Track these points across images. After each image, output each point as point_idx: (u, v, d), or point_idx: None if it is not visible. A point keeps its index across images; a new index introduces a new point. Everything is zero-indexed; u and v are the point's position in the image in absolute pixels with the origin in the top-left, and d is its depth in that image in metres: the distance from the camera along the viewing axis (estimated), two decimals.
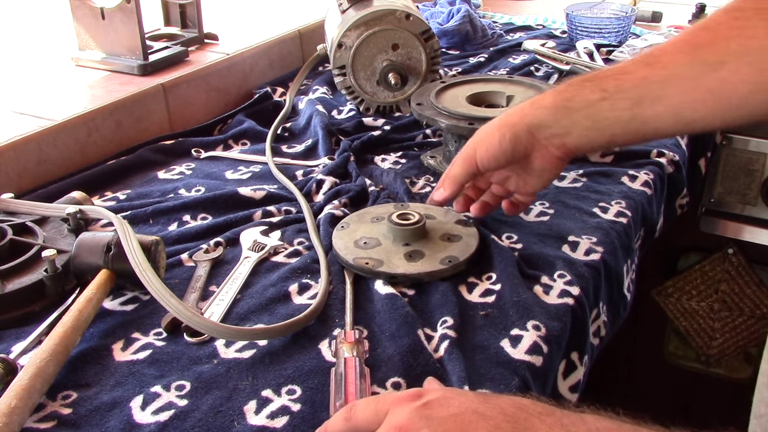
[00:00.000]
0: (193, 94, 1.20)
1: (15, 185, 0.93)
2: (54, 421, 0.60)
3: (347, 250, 0.80)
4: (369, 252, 0.79)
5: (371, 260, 0.78)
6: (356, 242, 0.81)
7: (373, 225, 0.84)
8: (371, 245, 0.80)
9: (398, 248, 0.80)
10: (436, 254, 0.78)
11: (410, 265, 0.77)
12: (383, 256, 0.78)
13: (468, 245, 0.80)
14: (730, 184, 1.35)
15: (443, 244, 0.80)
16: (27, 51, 1.36)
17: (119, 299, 0.75)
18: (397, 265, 0.77)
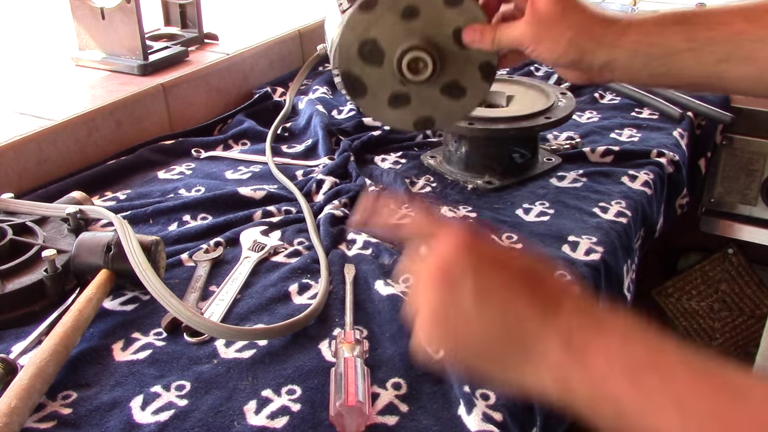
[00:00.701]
0: (193, 94, 1.20)
1: (15, 185, 0.93)
2: (54, 421, 0.60)
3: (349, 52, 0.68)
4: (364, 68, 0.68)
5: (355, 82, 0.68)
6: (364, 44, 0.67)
7: None
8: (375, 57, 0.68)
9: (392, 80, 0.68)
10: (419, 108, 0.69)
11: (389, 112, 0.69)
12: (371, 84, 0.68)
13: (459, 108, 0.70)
14: (730, 184, 1.35)
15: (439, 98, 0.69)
16: (27, 51, 1.36)
17: (119, 299, 0.75)
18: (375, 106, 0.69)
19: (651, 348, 0.40)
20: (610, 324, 0.42)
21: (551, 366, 0.42)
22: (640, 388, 0.39)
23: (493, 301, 0.44)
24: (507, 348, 0.43)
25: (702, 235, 1.38)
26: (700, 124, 1.23)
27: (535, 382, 0.43)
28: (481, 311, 0.44)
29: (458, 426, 0.59)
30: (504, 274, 0.45)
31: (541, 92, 1.03)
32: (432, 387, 0.63)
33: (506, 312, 0.43)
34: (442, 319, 0.45)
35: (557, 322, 0.42)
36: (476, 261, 0.45)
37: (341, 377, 0.61)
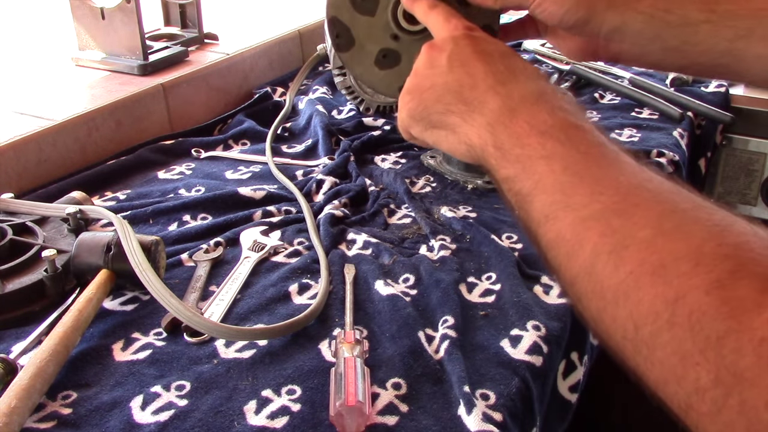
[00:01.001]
0: (193, 94, 1.20)
1: (15, 185, 0.93)
2: (54, 421, 0.60)
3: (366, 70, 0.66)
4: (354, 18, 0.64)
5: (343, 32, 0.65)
6: None
7: None
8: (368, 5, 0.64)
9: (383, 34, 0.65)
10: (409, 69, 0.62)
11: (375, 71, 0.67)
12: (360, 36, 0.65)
13: None
14: (730, 184, 1.35)
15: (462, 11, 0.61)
16: (27, 51, 1.36)
17: (119, 299, 0.75)
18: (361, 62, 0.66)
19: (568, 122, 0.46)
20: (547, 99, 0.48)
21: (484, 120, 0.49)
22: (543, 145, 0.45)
23: (459, 66, 0.52)
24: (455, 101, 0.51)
25: None
26: (700, 124, 1.23)
27: (467, 134, 0.51)
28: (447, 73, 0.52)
29: (458, 426, 0.59)
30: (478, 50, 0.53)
31: None
32: (432, 387, 0.63)
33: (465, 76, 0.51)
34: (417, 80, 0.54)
35: (504, 89, 0.49)
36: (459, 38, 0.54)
37: (341, 377, 0.61)
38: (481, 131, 0.49)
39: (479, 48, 0.53)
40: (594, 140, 0.45)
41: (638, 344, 0.36)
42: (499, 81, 0.50)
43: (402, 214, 0.92)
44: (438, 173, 1.02)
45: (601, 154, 0.44)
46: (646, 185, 0.41)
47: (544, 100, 0.48)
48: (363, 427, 0.58)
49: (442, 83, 0.53)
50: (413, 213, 0.91)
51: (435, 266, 0.79)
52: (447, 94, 0.52)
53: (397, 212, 0.93)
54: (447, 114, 0.52)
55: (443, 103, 0.53)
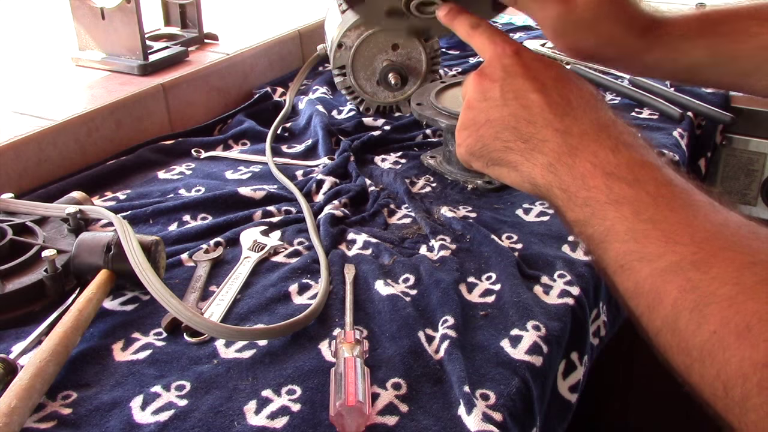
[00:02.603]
0: (193, 94, 1.20)
1: (15, 185, 0.93)
2: (54, 421, 0.60)
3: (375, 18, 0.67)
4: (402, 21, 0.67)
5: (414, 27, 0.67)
6: None
7: None
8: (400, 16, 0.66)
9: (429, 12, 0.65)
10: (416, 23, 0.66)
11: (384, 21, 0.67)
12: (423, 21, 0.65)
13: None
14: (730, 184, 1.35)
15: None
16: (27, 51, 1.36)
17: (119, 299, 0.75)
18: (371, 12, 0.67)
19: (633, 161, 0.45)
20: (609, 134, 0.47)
21: (545, 160, 0.48)
22: (612, 189, 0.44)
23: (513, 99, 0.50)
24: (514, 138, 0.50)
25: None
26: (700, 124, 1.23)
27: (527, 172, 0.49)
28: (502, 107, 0.51)
29: (458, 426, 0.59)
30: (531, 79, 0.51)
31: None
32: (432, 387, 0.63)
33: (522, 109, 0.50)
34: (472, 114, 0.53)
35: (563, 124, 0.48)
36: (509, 65, 0.52)
37: (341, 377, 0.61)
38: (544, 172, 0.48)
39: (531, 75, 0.51)
40: (662, 178, 0.43)
41: (729, 404, 0.36)
42: (557, 114, 0.49)
43: (402, 214, 0.92)
44: (438, 173, 1.02)
45: (672, 195, 0.43)
46: (722, 231, 0.40)
47: (605, 135, 0.47)
48: (363, 427, 0.58)
49: (498, 118, 0.51)
50: (413, 213, 0.91)
51: (435, 266, 0.79)
52: (504, 131, 0.51)
53: (397, 212, 0.93)
54: (507, 152, 0.51)
55: (501, 140, 0.51)
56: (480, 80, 0.53)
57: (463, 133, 0.54)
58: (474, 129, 0.53)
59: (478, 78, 0.53)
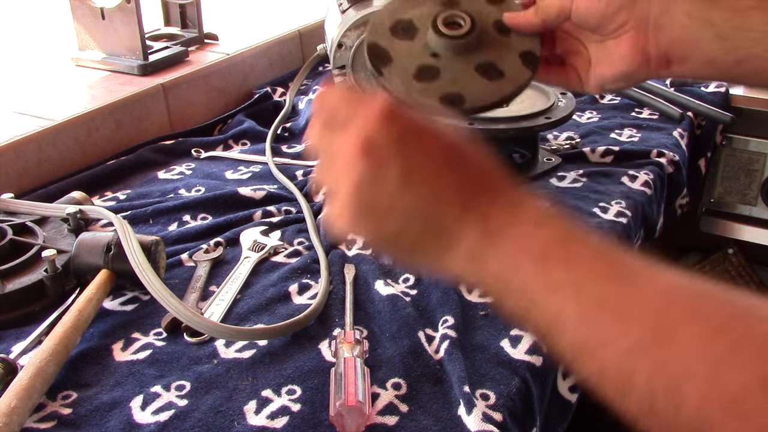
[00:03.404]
0: (193, 94, 1.20)
1: (15, 185, 0.93)
2: (54, 421, 0.60)
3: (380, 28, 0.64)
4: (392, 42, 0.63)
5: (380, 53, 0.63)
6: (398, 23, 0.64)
7: None
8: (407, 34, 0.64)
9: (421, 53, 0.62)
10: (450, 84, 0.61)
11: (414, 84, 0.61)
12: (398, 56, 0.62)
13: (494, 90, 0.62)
14: (730, 184, 1.35)
15: (472, 75, 0.62)
16: (27, 51, 1.36)
17: (119, 299, 0.75)
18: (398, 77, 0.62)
19: (560, 235, 0.40)
20: (527, 210, 0.42)
21: (466, 251, 0.41)
22: (546, 274, 0.39)
23: (419, 184, 0.42)
24: (426, 231, 0.42)
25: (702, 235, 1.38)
26: (700, 124, 1.23)
27: (449, 267, 0.43)
28: (405, 193, 0.42)
29: (458, 426, 0.59)
30: (431, 153, 0.43)
31: (541, 92, 1.03)
32: (432, 387, 0.63)
33: (430, 195, 0.42)
34: (364, 199, 0.42)
35: (478, 207, 0.42)
36: (400, 135, 0.42)
37: (341, 377, 0.61)
38: (469, 264, 0.42)
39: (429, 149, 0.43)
40: (594, 250, 0.40)
41: None
42: (469, 196, 0.42)
43: None
44: None
45: (610, 267, 0.39)
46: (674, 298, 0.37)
47: (523, 211, 0.42)
48: (363, 427, 0.58)
49: (402, 207, 0.42)
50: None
51: None
52: (414, 222, 0.42)
53: None
54: (421, 242, 0.43)
55: (414, 230, 0.43)
56: (367, 159, 0.42)
57: (359, 224, 0.43)
58: (374, 217, 0.43)
59: (362, 151, 0.42)
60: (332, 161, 0.44)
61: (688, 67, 0.60)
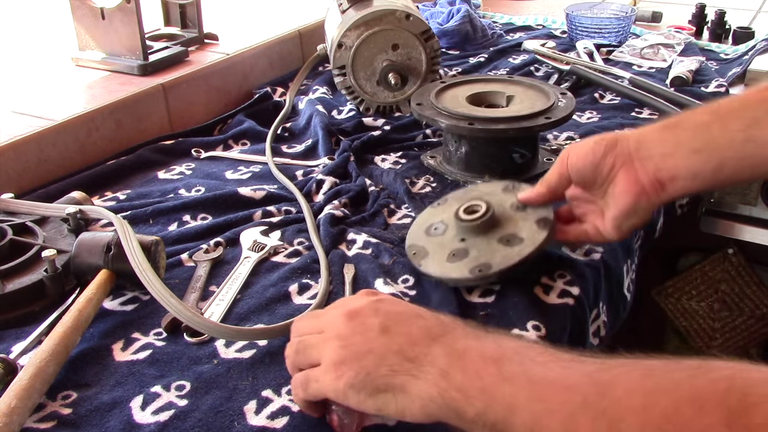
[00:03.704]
0: (193, 94, 1.20)
1: (15, 185, 0.93)
2: (54, 421, 0.60)
3: (416, 233, 0.82)
4: (427, 240, 0.80)
5: (419, 250, 0.79)
6: (430, 226, 0.81)
7: None
8: (438, 232, 0.80)
9: (452, 242, 0.78)
10: (477, 258, 0.75)
11: (447, 265, 0.75)
12: (433, 249, 0.78)
13: (516, 253, 0.74)
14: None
15: (496, 247, 0.75)
16: (27, 51, 1.36)
17: (119, 299, 0.75)
18: (434, 263, 0.76)
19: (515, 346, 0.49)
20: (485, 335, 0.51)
21: (437, 370, 0.49)
22: (502, 370, 0.47)
23: (395, 329, 0.52)
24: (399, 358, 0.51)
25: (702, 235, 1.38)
26: None
27: (416, 389, 0.49)
28: (384, 335, 0.52)
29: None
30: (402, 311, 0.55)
31: (541, 92, 1.03)
32: None
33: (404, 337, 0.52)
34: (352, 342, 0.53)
35: (444, 339, 0.51)
36: (377, 302, 0.55)
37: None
38: (438, 380, 0.49)
39: (402, 307, 0.56)
40: (541, 349, 0.48)
41: None
42: (438, 333, 0.52)
43: (402, 214, 0.92)
44: (438, 173, 1.02)
45: (555, 356, 0.47)
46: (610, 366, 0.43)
47: (483, 338, 0.51)
48: (360, 427, 0.57)
49: (381, 346, 0.52)
50: (413, 213, 0.91)
51: None
52: (390, 356, 0.51)
53: (397, 212, 0.93)
54: (394, 375, 0.50)
55: (387, 365, 0.51)
56: (352, 316, 0.54)
57: (341, 368, 0.52)
58: (355, 361, 0.52)
59: (348, 315, 0.54)
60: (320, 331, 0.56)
61: (680, 184, 0.68)
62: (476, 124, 0.94)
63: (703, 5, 1.58)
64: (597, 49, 1.45)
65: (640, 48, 1.46)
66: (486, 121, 0.95)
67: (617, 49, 1.47)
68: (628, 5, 1.61)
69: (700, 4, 1.58)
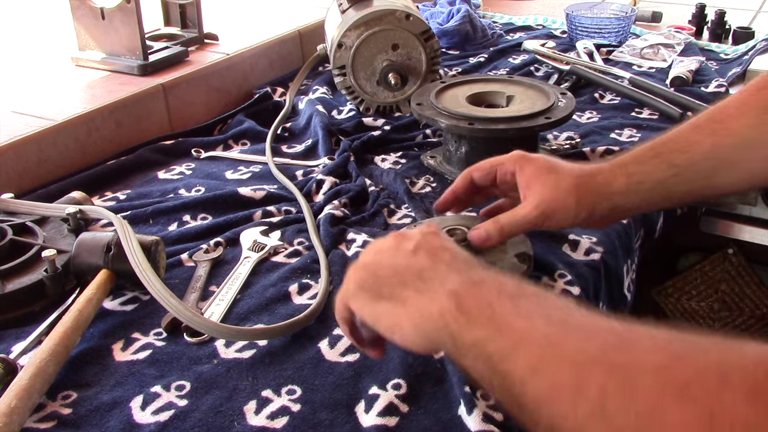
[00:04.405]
0: (193, 94, 1.20)
1: (15, 185, 0.93)
2: (54, 421, 0.60)
3: None
4: None
5: None
6: None
7: None
8: None
9: None
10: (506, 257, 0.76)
11: None
12: None
13: None
14: None
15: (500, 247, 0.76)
16: (27, 51, 1.36)
17: (119, 299, 0.75)
18: None
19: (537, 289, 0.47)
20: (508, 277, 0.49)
21: (444, 289, 0.47)
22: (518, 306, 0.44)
23: (426, 253, 0.52)
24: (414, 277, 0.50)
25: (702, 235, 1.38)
26: None
27: (417, 304, 0.48)
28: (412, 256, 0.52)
29: (459, 426, 0.59)
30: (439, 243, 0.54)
31: (541, 92, 1.03)
32: (432, 387, 0.63)
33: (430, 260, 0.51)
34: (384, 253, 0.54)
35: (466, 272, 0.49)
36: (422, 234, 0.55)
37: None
38: (443, 300, 0.47)
39: (446, 242, 0.55)
40: (565, 301, 0.45)
41: None
42: (460, 268, 0.50)
43: (402, 214, 0.92)
44: (438, 173, 1.02)
45: (578, 309, 0.44)
46: (637, 327, 0.40)
47: (507, 277, 0.49)
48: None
49: (404, 264, 0.52)
50: (413, 213, 0.91)
51: None
52: (407, 272, 0.51)
53: (397, 212, 0.93)
54: (401, 287, 0.50)
55: (400, 277, 0.51)
56: (399, 236, 0.56)
57: (358, 271, 0.54)
58: (373, 268, 0.53)
59: (396, 235, 0.56)
60: None
61: None
62: (476, 124, 0.94)
63: (703, 5, 1.58)
64: (597, 49, 1.45)
65: (640, 48, 1.46)
66: (486, 121, 0.95)
67: (617, 49, 1.47)
68: (628, 5, 1.61)
69: (700, 4, 1.58)
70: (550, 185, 0.71)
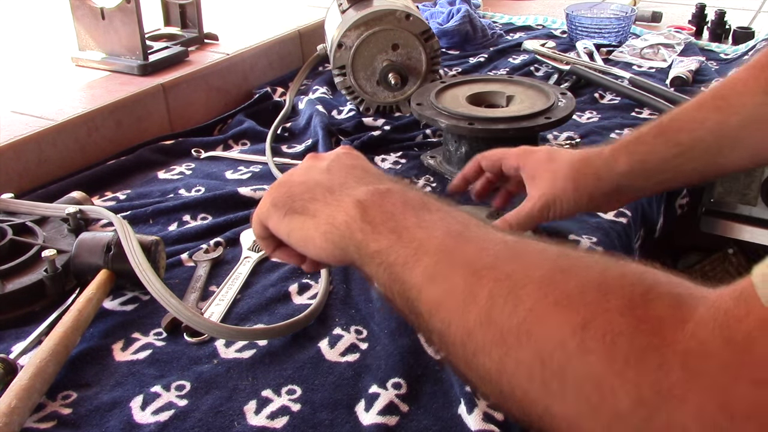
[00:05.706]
0: (193, 94, 1.20)
1: (15, 185, 0.93)
2: (54, 421, 0.60)
3: None
4: None
5: None
6: None
7: None
8: None
9: None
10: None
11: None
12: None
13: None
14: (730, 184, 1.35)
15: None
16: (27, 51, 1.36)
17: (119, 299, 0.75)
18: None
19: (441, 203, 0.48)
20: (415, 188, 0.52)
21: (350, 199, 0.49)
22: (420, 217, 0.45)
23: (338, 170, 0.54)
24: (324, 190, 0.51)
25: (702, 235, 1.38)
26: None
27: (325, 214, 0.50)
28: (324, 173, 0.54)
29: (459, 425, 0.59)
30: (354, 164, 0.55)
31: (541, 92, 1.03)
32: (432, 387, 0.63)
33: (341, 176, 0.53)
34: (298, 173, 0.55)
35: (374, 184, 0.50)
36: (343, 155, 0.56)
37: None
38: (349, 209, 0.48)
39: (357, 160, 0.56)
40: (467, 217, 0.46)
41: (547, 380, 0.35)
42: (369, 180, 0.52)
43: None
44: (438, 173, 1.02)
45: (480, 225, 0.45)
46: (529, 242, 0.42)
47: (413, 189, 0.51)
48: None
49: (315, 180, 0.53)
50: None
51: None
52: (317, 187, 0.52)
53: None
54: (312, 201, 0.52)
55: (310, 192, 0.52)
56: (314, 156, 0.57)
57: (273, 189, 0.55)
58: (287, 186, 0.54)
59: (312, 155, 0.58)
60: None
61: None
62: (476, 124, 0.94)
63: (703, 5, 1.58)
64: (597, 49, 1.46)
65: (640, 48, 1.46)
66: (486, 121, 0.95)
67: (617, 49, 1.47)
68: (628, 5, 1.61)
69: (700, 4, 1.59)
70: (549, 176, 0.72)
